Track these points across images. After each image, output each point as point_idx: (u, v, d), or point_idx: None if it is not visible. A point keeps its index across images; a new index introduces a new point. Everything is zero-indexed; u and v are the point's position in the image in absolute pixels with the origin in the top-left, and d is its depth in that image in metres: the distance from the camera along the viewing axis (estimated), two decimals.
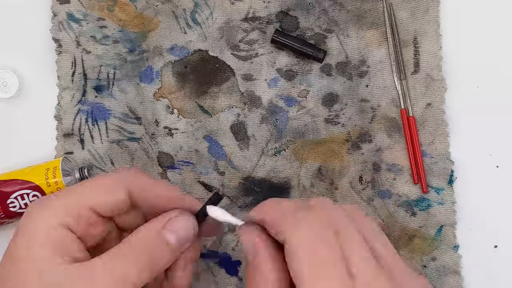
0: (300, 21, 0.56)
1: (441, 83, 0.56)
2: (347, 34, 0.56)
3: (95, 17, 0.56)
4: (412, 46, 0.56)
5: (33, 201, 0.46)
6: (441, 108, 0.56)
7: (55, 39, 0.56)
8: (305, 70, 0.56)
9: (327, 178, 0.56)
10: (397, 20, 0.56)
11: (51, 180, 0.53)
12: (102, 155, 0.56)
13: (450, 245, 0.56)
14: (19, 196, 0.52)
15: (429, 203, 0.56)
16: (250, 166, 0.56)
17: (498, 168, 0.57)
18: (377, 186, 0.56)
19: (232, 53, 0.56)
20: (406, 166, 0.56)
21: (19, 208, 0.53)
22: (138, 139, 0.56)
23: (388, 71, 0.56)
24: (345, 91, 0.56)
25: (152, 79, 0.56)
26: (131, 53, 0.56)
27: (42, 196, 0.52)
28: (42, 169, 0.53)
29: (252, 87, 0.56)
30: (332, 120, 0.56)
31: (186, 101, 0.56)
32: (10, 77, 0.56)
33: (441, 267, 0.56)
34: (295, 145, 0.56)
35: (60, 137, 0.56)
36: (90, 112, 0.56)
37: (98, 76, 0.56)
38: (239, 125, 0.56)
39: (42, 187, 0.53)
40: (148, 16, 0.56)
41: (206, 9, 0.56)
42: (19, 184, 0.53)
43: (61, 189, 0.52)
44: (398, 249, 0.56)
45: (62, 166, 0.53)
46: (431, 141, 0.56)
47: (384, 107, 0.56)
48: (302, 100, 0.56)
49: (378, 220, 0.41)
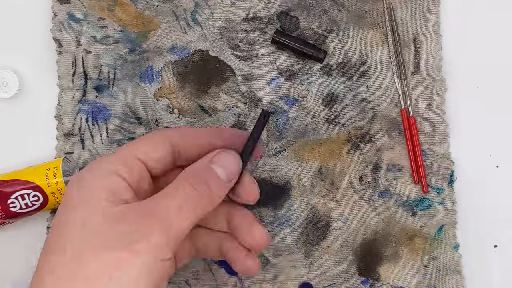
0: (301, 21, 0.56)
1: (441, 83, 0.56)
2: (348, 34, 0.56)
3: (95, 17, 0.56)
4: (413, 47, 0.56)
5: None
6: (441, 109, 0.56)
7: (56, 39, 0.56)
8: (305, 70, 0.56)
9: (328, 178, 0.56)
10: (397, 20, 0.56)
11: (52, 180, 0.52)
12: (103, 154, 0.56)
13: (451, 245, 0.56)
14: (20, 196, 0.52)
15: (429, 203, 0.56)
16: (250, 166, 0.56)
17: (498, 168, 0.57)
18: (378, 186, 0.56)
19: (233, 53, 0.56)
20: (406, 166, 0.56)
21: (20, 208, 0.53)
22: None
23: (388, 72, 0.56)
24: (346, 91, 0.56)
25: (153, 79, 0.56)
26: (131, 53, 0.56)
27: (42, 196, 0.52)
28: (43, 169, 0.53)
29: (252, 87, 0.56)
30: (332, 120, 0.56)
31: (187, 101, 0.56)
32: (10, 77, 0.56)
33: (442, 267, 0.56)
34: (295, 145, 0.56)
35: (60, 137, 0.56)
36: (90, 112, 0.56)
37: (98, 76, 0.56)
38: (239, 125, 0.56)
39: (43, 187, 0.52)
40: (149, 16, 0.56)
41: (206, 9, 0.56)
42: (20, 184, 0.52)
43: (61, 189, 0.52)
44: (399, 248, 0.56)
45: (62, 166, 0.53)
46: (432, 141, 0.56)
47: (384, 108, 0.56)
48: (302, 100, 0.56)
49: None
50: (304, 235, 0.56)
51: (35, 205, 0.53)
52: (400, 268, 0.56)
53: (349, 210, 0.56)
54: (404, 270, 0.56)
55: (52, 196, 0.53)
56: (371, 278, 0.56)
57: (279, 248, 0.56)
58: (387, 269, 0.56)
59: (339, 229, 0.56)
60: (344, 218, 0.56)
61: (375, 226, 0.56)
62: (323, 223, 0.56)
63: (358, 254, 0.56)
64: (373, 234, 0.56)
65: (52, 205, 0.54)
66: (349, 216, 0.56)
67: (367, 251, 0.56)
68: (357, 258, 0.56)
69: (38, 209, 0.53)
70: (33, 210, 0.53)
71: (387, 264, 0.56)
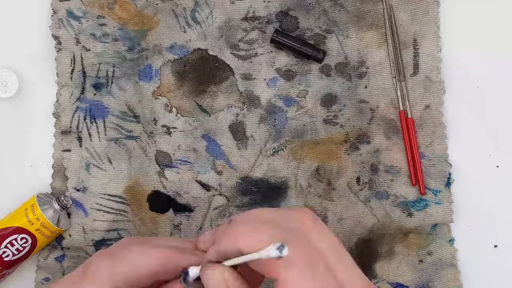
0: (300, 21, 0.56)
1: (440, 85, 0.56)
2: (347, 35, 0.56)
3: (95, 14, 0.56)
4: (412, 48, 0.56)
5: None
6: (439, 110, 0.56)
7: (55, 36, 0.56)
8: (304, 70, 0.56)
9: (325, 179, 0.56)
10: (397, 21, 0.56)
11: (32, 217, 0.53)
12: (100, 153, 0.56)
13: (446, 239, 0.56)
14: (9, 244, 0.53)
15: (426, 203, 0.56)
16: (247, 166, 0.56)
17: (498, 168, 0.57)
18: (375, 187, 0.56)
19: (232, 52, 0.56)
20: (404, 168, 0.56)
21: (13, 255, 0.53)
22: (136, 138, 0.56)
23: (387, 73, 0.56)
24: (344, 92, 0.56)
25: (151, 77, 0.56)
26: (130, 51, 0.56)
27: (29, 236, 0.53)
28: (21, 211, 0.54)
29: (251, 87, 0.56)
30: (330, 121, 0.56)
31: (185, 100, 0.56)
32: (10, 77, 0.56)
33: (438, 261, 0.56)
34: (293, 145, 0.56)
35: (58, 134, 0.57)
36: (88, 110, 0.56)
37: (97, 74, 0.56)
38: (237, 125, 0.56)
39: (25, 227, 0.53)
40: (148, 15, 0.56)
41: (206, 8, 0.56)
42: (5, 233, 0.53)
43: (44, 224, 0.53)
44: (394, 245, 0.56)
45: (37, 201, 0.54)
46: (429, 143, 0.56)
47: (382, 109, 0.56)
48: (301, 100, 0.56)
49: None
50: None
51: (26, 247, 0.53)
52: (396, 264, 0.56)
53: (345, 210, 0.56)
54: (400, 266, 0.56)
55: (38, 234, 0.53)
56: (367, 276, 0.56)
57: None
58: (383, 265, 0.56)
59: (334, 229, 0.56)
60: (340, 217, 0.56)
61: (370, 225, 0.56)
62: None
63: (354, 253, 0.56)
64: (368, 233, 0.56)
65: (42, 243, 0.54)
66: (344, 215, 0.56)
67: (362, 249, 0.56)
68: (353, 256, 0.56)
69: (30, 250, 0.54)
70: (26, 253, 0.54)
71: (383, 261, 0.56)
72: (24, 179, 0.57)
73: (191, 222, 0.57)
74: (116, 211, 0.56)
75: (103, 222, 0.56)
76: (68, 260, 0.57)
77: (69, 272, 0.56)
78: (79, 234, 0.56)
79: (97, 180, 0.56)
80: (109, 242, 0.56)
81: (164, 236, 0.57)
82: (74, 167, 0.56)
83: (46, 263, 0.57)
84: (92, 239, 0.56)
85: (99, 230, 0.56)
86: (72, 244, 0.56)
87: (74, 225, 0.56)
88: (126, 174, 0.56)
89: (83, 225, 0.56)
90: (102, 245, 0.56)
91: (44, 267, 0.57)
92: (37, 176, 0.57)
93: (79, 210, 0.56)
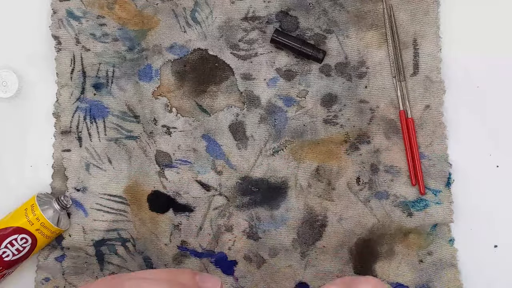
0: (300, 21, 0.56)
1: (440, 85, 0.56)
2: (347, 35, 0.56)
3: (95, 14, 0.56)
4: (412, 48, 0.56)
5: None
6: (439, 110, 0.56)
7: (55, 36, 0.56)
8: (304, 70, 0.56)
9: (325, 179, 0.56)
10: (397, 21, 0.56)
11: (32, 217, 0.53)
12: (100, 153, 0.56)
13: (446, 239, 0.56)
14: (9, 244, 0.53)
15: (426, 203, 0.56)
16: (247, 166, 0.56)
17: (498, 168, 0.57)
18: (375, 187, 0.56)
19: (232, 52, 0.56)
20: (404, 168, 0.56)
21: (13, 255, 0.53)
22: (136, 138, 0.56)
23: (387, 73, 0.56)
24: (344, 92, 0.56)
25: (151, 77, 0.56)
26: (130, 51, 0.56)
27: (30, 236, 0.53)
28: (21, 211, 0.54)
29: (251, 87, 0.56)
30: (330, 121, 0.56)
31: (185, 100, 0.56)
32: (10, 77, 0.56)
33: (438, 261, 0.56)
34: (293, 145, 0.56)
35: (58, 134, 0.57)
36: (88, 110, 0.56)
37: (97, 74, 0.56)
38: (237, 125, 0.56)
39: (25, 227, 0.53)
40: (148, 15, 0.56)
41: (206, 8, 0.56)
42: (5, 233, 0.53)
43: (44, 224, 0.53)
44: (394, 245, 0.56)
45: (37, 201, 0.54)
46: (429, 143, 0.56)
47: (383, 109, 0.56)
48: (301, 100, 0.56)
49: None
50: (300, 235, 0.56)
51: (26, 247, 0.53)
52: (396, 264, 0.56)
53: (345, 210, 0.56)
54: (400, 266, 0.56)
55: (38, 234, 0.53)
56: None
57: (275, 248, 0.57)
58: (383, 265, 0.56)
59: (334, 229, 0.56)
60: (340, 217, 0.56)
61: (370, 226, 0.56)
62: (319, 223, 0.56)
63: (354, 253, 0.56)
64: (368, 233, 0.56)
65: (42, 243, 0.54)
66: (344, 216, 0.56)
67: (362, 249, 0.56)
68: (353, 257, 0.57)
69: (30, 250, 0.54)
70: (26, 253, 0.54)
71: (383, 261, 0.56)
72: (24, 179, 0.57)
73: (191, 222, 0.57)
74: (116, 211, 0.56)
75: (103, 222, 0.56)
76: (68, 260, 0.57)
77: (69, 272, 0.57)
78: (79, 234, 0.56)
79: (97, 180, 0.56)
80: (109, 242, 0.56)
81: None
82: (74, 167, 0.56)
83: (46, 263, 0.57)
84: (92, 239, 0.56)
85: (99, 230, 0.56)
86: (72, 244, 0.56)
87: (74, 225, 0.56)
88: (126, 174, 0.56)
89: (83, 225, 0.56)
90: (102, 245, 0.56)
91: (44, 267, 0.57)
92: (37, 176, 0.57)
93: (79, 210, 0.56)
